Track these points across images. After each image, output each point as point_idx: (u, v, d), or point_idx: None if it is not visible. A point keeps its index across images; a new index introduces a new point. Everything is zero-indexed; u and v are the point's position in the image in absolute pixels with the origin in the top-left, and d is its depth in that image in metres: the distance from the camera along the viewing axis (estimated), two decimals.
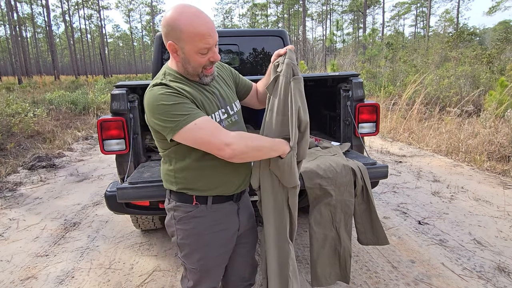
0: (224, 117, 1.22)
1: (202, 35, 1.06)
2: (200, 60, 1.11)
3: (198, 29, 1.05)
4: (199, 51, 1.09)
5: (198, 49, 1.08)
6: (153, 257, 2.44)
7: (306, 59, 25.92)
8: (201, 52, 1.09)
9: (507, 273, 2.10)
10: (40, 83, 19.33)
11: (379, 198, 3.41)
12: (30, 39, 56.18)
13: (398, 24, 66.56)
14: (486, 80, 8.34)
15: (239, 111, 1.32)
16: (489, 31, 39.82)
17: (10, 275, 2.26)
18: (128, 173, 1.89)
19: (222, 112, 1.22)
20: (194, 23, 1.05)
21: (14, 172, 4.66)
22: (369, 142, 5.86)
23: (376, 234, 1.77)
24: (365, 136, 2.25)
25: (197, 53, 1.09)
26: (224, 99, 1.25)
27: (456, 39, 15.76)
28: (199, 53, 1.09)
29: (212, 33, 1.08)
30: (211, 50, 1.11)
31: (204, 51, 1.09)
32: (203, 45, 1.07)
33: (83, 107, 10.02)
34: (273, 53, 1.29)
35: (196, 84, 1.19)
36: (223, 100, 1.25)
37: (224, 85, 1.30)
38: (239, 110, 1.33)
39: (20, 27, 36.55)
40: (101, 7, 50.25)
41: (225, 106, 1.24)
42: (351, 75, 2.20)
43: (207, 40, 1.07)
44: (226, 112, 1.24)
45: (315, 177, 1.65)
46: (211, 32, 1.08)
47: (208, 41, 1.07)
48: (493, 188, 3.56)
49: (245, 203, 1.38)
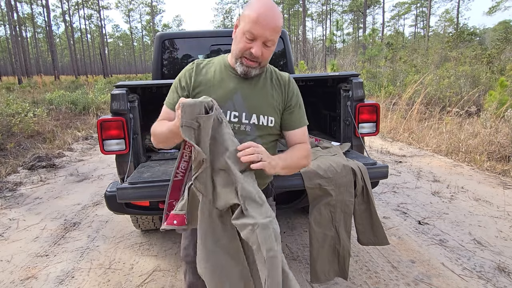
0: (228, 120, 1.18)
1: (255, 20, 1.09)
2: (243, 43, 1.14)
3: (255, 14, 1.10)
4: (245, 33, 1.12)
5: (245, 30, 1.12)
6: (153, 257, 2.44)
7: (306, 59, 25.93)
8: (246, 36, 1.13)
9: (507, 273, 2.10)
10: (40, 83, 19.33)
11: (379, 198, 3.41)
12: (30, 39, 56.20)
13: (398, 24, 66.60)
14: (486, 80, 8.34)
15: (261, 126, 1.22)
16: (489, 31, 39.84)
17: (10, 275, 2.26)
18: (128, 173, 1.89)
19: (234, 116, 1.19)
20: (257, 9, 1.11)
21: (14, 172, 4.66)
22: (369, 142, 5.86)
23: (376, 234, 1.78)
24: (365, 136, 2.25)
25: (243, 34, 1.13)
26: (247, 105, 1.20)
27: (456, 39, 15.78)
28: (245, 36, 1.13)
29: (265, 26, 1.10)
30: (255, 42, 1.13)
31: (249, 35, 1.12)
32: (249, 28, 1.11)
33: (83, 107, 10.02)
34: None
35: (231, 74, 1.23)
36: (242, 105, 1.20)
37: (263, 94, 1.23)
38: (264, 126, 1.22)
39: (20, 27, 36.56)
40: (101, 7, 50.27)
41: (240, 111, 1.19)
42: (351, 75, 2.20)
43: (255, 26, 1.10)
44: (237, 117, 1.19)
45: (315, 177, 1.65)
46: (265, 24, 1.10)
47: (256, 28, 1.10)
48: (493, 188, 3.56)
49: None
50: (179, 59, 3.46)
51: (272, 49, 1.19)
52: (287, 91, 1.27)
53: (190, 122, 1.04)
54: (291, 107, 1.27)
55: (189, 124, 1.04)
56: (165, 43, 3.42)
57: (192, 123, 1.04)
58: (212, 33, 3.46)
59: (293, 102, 1.28)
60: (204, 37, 3.43)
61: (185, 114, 1.03)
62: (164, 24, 62.59)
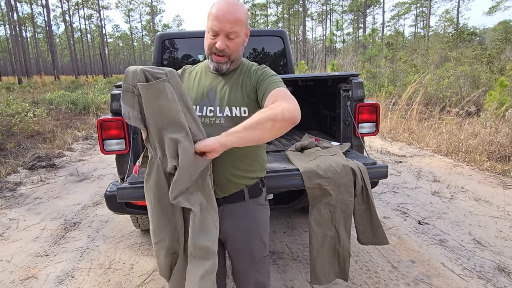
0: (205, 115, 1.23)
1: (214, 16, 1.15)
2: (208, 40, 1.20)
3: (214, 10, 1.16)
4: (209, 31, 1.18)
5: (208, 27, 1.18)
6: (153, 257, 2.44)
7: (306, 59, 25.92)
8: (210, 32, 1.18)
9: (507, 273, 2.10)
10: (40, 83, 19.32)
11: (379, 198, 3.41)
12: (30, 39, 56.20)
13: (398, 24, 66.59)
14: (486, 80, 8.34)
15: (234, 117, 1.20)
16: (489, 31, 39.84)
17: (10, 275, 2.26)
18: (128, 173, 1.89)
19: (210, 110, 1.23)
20: (216, 5, 1.17)
21: (14, 172, 4.66)
22: (369, 142, 5.86)
23: (376, 234, 1.77)
24: (365, 136, 2.25)
25: (208, 32, 1.20)
26: (220, 99, 1.23)
27: (456, 39, 15.78)
28: (209, 33, 1.19)
29: (223, 20, 1.14)
30: (218, 37, 1.17)
31: (212, 32, 1.17)
32: (211, 25, 1.16)
33: (83, 107, 10.02)
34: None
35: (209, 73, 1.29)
36: (216, 99, 1.24)
37: (235, 87, 1.24)
38: (237, 117, 1.20)
39: (20, 27, 36.55)
40: (101, 7, 50.26)
41: (215, 106, 1.23)
42: (351, 75, 2.20)
43: (215, 22, 1.15)
44: (213, 111, 1.23)
45: (315, 177, 1.65)
46: (222, 18, 1.14)
47: (215, 23, 1.15)
48: (493, 188, 3.56)
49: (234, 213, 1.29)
50: (179, 59, 3.46)
51: (238, 41, 1.21)
52: (255, 73, 1.25)
53: (129, 87, 1.08)
54: (259, 81, 1.22)
55: (127, 89, 1.08)
56: (165, 43, 3.42)
57: (130, 88, 1.08)
58: None
59: (261, 77, 1.23)
60: (204, 37, 3.43)
61: (127, 79, 1.09)
62: (164, 24, 62.58)
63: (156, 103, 1.06)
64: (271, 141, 2.50)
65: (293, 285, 2.05)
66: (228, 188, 1.26)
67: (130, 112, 1.09)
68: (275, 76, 1.24)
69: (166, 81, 1.07)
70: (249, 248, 1.31)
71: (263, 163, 1.35)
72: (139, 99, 1.08)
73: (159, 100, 1.06)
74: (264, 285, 1.37)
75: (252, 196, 1.30)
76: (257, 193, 1.32)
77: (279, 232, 2.72)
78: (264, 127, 1.01)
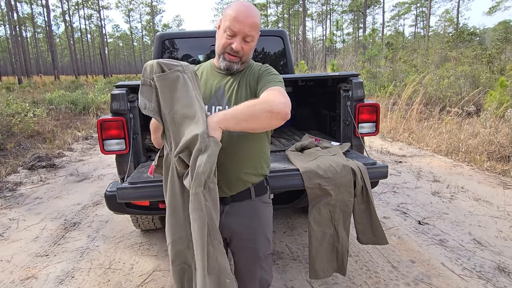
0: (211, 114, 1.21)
1: (234, 17, 1.18)
2: (224, 39, 1.22)
3: (234, 11, 1.18)
4: (226, 30, 1.20)
5: (225, 27, 1.20)
6: (153, 257, 2.44)
7: (306, 59, 25.92)
8: (227, 33, 1.20)
9: (507, 273, 2.10)
10: (40, 83, 19.33)
11: (379, 198, 3.41)
12: (30, 39, 56.18)
13: (398, 24, 66.59)
14: (486, 80, 8.34)
15: None
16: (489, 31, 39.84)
17: (10, 275, 2.26)
18: (128, 173, 1.89)
19: (219, 110, 1.25)
20: (235, 7, 1.20)
21: (14, 172, 4.66)
22: (369, 142, 5.86)
23: (375, 234, 1.78)
24: (365, 136, 2.25)
25: (224, 32, 1.21)
26: (228, 98, 1.26)
27: (456, 39, 15.78)
28: (226, 33, 1.21)
29: (243, 22, 1.18)
30: (235, 38, 1.20)
31: (230, 32, 1.20)
32: (229, 25, 1.19)
33: (83, 107, 10.02)
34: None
35: (215, 72, 1.31)
36: (224, 98, 1.26)
37: (242, 86, 1.27)
38: None
39: (20, 27, 36.55)
40: (101, 7, 50.26)
41: (223, 104, 1.26)
42: (351, 75, 2.20)
43: (234, 23, 1.17)
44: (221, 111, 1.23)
45: (315, 177, 1.65)
46: (243, 20, 1.18)
47: (234, 25, 1.18)
48: (493, 188, 3.56)
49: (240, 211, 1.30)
50: (179, 59, 3.46)
51: (252, 45, 1.25)
52: (258, 72, 1.29)
53: (146, 81, 1.08)
54: (260, 77, 1.26)
55: (145, 83, 1.08)
56: (165, 43, 3.42)
57: (147, 81, 1.08)
58: (212, 33, 3.46)
59: (262, 74, 1.27)
60: (204, 37, 3.43)
61: (145, 73, 1.09)
62: (164, 24, 62.59)
63: (171, 94, 1.06)
64: (271, 141, 2.49)
65: (293, 285, 2.05)
66: (237, 186, 1.27)
67: (147, 104, 1.09)
68: (276, 75, 1.27)
69: (181, 71, 1.07)
70: (254, 246, 1.32)
71: (267, 160, 1.38)
72: (156, 92, 1.08)
73: (174, 92, 1.05)
74: (268, 283, 1.37)
75: (258, 194, 1.32)
76: (262, 191, 1.34)
77: (279, 232, 2.72)
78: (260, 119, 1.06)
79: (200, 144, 0.99)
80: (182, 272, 1.20)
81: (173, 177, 1.15)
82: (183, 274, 1.20)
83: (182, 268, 1.20)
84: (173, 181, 1.15)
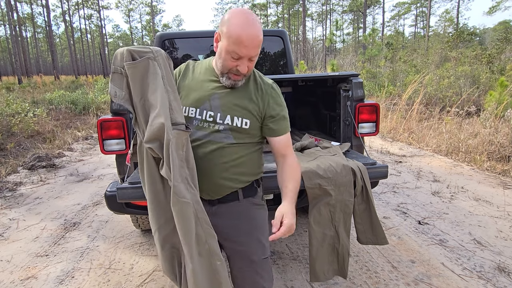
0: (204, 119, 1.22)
1: (239, 41, 1.09)
2: (228, 61, 1.15)
3: (238, 34, 1.08)
4: (230, 53, 1.13)
5: (229, 50, 1.12)
6: (153, 257, 2.44)
7: (306, 59, 25.92)
8: (232, 56, 1.13)
9: (507, 273, 2.10)
10: (40, 83, 19.33)
11: (379, 198, 3.41)
12: (30, 39, 56.18)
13: (398, 24, 66.57)
14: (486, 80, 8.34)
15: (235, 127, 1.22)
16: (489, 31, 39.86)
17: (10, 275, 2.26)
18: (128, 173, 1.89)
19: (210, 115, 1.22)
20: (240, 26, 1.09)
21: (14, 172, 4.66)
22: (369, 142, 5.86)
23: (375, 234, 1.78)
24: (365, 136, 2.25)
25: (228, 53, 1.13)
26: (223, 106, 1.22)
27: (456, 39, 15.77)
28: (230, 55, 1.13)
29: (249, 46, 1.10)
30: (241, 60, 1.14)
31: (234, 55, 1.13)
32: (234, 49, 1.11)
33: (83, 107, 10.02)
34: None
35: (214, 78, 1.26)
36: (218, 106, 1.22)
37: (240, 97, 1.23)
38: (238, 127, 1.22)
39: (20, 27, 36.54)
40: (101, 7, 50.26)
41: (215, 112, 1.22)
42: (351, 75, 2.20)
43: (240, 47, 1.10)
44: (213, 117, 1.22)
45: (315, 177, 1.65)
46: (249, 44, 1.10)
47: (241, 49, 1.10)
48: (493, 188, 3.56)
49: (228, 212, 1.29)
50: (179, 59, 3.46)
51: (256, 59, 1.21)
52: (268, 99, 1.25)
53: (117, 69, 1.08)
54: (275, 116, 1.25)
55: (116, 71, 1.08)
56: (165, 43, 3.43)
57: (118, 69, 1.08)
58: (212, 33, 3.46)
59: (276, 111, 1.25)
60: (204, 37, 3.43)
61: (115, 61, 1.08)
62: (164, 24, 62.59)
63: (142, 82, 1.05)
64: None
65: (293, 285, 2.05)
66: (221, 191, 1.26)
67: (117, 92, 1.09)
68: (286, 113, 1.31)
69: (152, 59, 1.06)
70: (246, 249, 1.30)
71: (257, 167, 1.34)
72: (127, 80, 1.08)
73: (145, 79, 1.05)
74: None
75: (246, 196, 1.30)
76: (251, 193, 1.32)
77: None
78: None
79: (167, 135, 1.01)
80: (172, 258, 1.20)
81: (149, 163, 1.13)
82: (173, 259, 1.20)
83: (171, 253, 1.19)
84: (150, 167, 1.13)
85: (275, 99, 1.26)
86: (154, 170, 1.13)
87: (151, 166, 1.13)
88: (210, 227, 1.11)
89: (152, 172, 1.13)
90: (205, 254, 1.09)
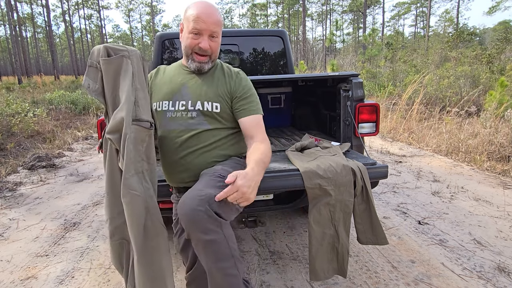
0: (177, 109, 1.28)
1: (197, 17, 1.21)
2: (190, 40, 1.25)
3: (196, 11, 1.21)
4: (190, 31, 1.23)
5: (190, 28, 1.23)
6: None
7: (306, 59, 25.92)
8: (192, 32, 1.23)
9: (507, 273, 2.10)
10: (40, 83, 19.32)
11: (379, 198, 3.41)
12: (30, 39, 56.19)
13: (398, 24, 66.58)
14: (486, 80, 8.34)
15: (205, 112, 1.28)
16: (489, 31, 39.87)
17: (10, 275, 2.26)
18: None
19: (182, 104, 1.29)
20: (195, 6, 1.23)
21: (14, 172, 4.66)
22: (369, 142, 5.86)
23: (375, 234, 1.78)
24: (365, 136, 2.25)
25: (189, 33, 1.24)
26: (192, 93, 1.29)
27: (456, 39, 15.78)
28: (191, 33, 1.24)
29: (206, 21, 1.21)
30: (202, 37, 1.23)
31: (195, 31, 1.23)
32: (193, 25, 1.22)
33: (83, 107, 10.02)
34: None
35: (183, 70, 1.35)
36: (188, 93, 1.29)
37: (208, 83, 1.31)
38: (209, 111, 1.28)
39: (20, 27, 36.53)
40: (101, 7, 50.26)
41: (187, 100, 1.29)
42: (351, 75, 2.20)
43: (198, 22, 1.20)
44: (185, 105, 1.29)
45: (315, 177, 1.65)
46: (205, 19, 1.21)
47: (199, 24, 1.21)
48: (493, 188, 3.56)
49: None
50: (179, 59, 3.46)
51: (218, 41, 1.29)
52: (234, 81, 1.33)
53: (93, 63, 1.14)
54: (241, 96, 1.32)
55: (92, 65, 1.14)
56: (165, 43, 3.43)
57: (94, 64, 1.14)
58: None
59: (242, 91, 1.32)
60: None
61: (92, 56, 1.14)
62: (164, 24, 62.62)
63: (115, 77, 1.11)
64: (271, 141, 2.50)
65: (293, 285, 2.05)
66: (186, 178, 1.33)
67: (91, 84, 1.14)
68: (255, 96, 1.34)
69: (126, 57, 1.12)
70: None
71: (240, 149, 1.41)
72: (101, 74, 1.13)
73: (118, 75, 1.11)
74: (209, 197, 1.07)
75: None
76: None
77: (279, 232, 2.71)
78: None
79: (125, 129, 1.06)
80: (121, 248, 1.25)
81: (111, 156, 1.18)
82: (121, 250, 1.26)
83: (120, 243, 1.25)
84: (111, 160, 1.18)
85: (241, 81, 1.34)
86: (114, 162, 1.17)
87: (112, 158, 1.18)
88: (161, 224, 1.16)
89: (113, 164, 1.18)
90: (152, 250, 1.13)
